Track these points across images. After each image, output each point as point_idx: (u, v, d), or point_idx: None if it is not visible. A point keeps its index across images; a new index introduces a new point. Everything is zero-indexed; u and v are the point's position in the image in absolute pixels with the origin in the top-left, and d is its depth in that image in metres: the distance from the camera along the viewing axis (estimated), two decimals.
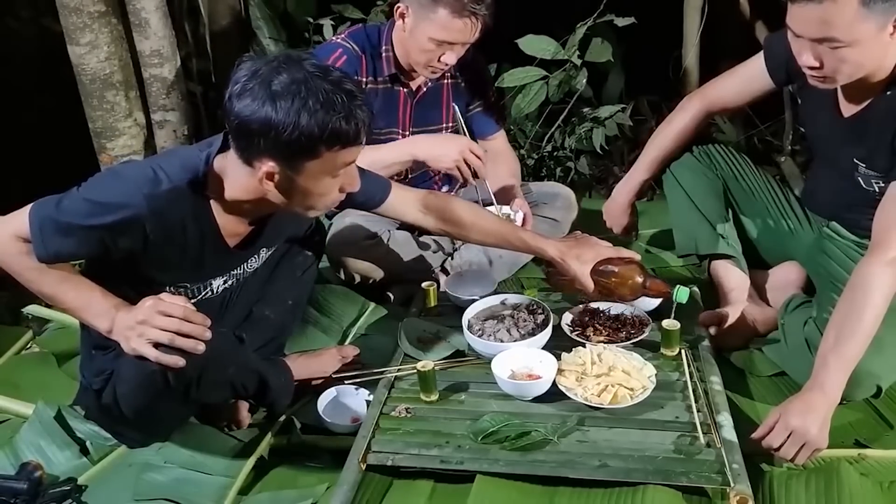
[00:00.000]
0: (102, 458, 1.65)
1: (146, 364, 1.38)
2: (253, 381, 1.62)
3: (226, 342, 1.55)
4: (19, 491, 1.49)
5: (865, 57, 1.51)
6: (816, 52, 1.52)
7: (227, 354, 1.53)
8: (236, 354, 1.59)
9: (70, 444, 1.66)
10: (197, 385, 1.46)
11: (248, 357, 1.65)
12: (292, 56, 1.36)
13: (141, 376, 1.43)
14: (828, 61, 1.52)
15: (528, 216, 2.04)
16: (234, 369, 1.57)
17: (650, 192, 2.65)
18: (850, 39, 1.46)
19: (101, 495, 1.55)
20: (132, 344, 1.36)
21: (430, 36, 1.90)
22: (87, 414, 1.68)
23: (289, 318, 1.87)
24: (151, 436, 1.64)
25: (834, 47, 1.48)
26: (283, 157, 1.34)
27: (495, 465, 1.47)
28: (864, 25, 1.45)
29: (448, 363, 1.77)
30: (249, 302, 1.78)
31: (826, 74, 1.55)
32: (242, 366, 1.60)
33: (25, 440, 1.68)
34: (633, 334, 1.78)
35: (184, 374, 1.41)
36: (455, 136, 2.01)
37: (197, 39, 3.26)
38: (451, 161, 1.91)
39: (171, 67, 2.98)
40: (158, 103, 3.00)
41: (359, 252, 2.08)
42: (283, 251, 1.82)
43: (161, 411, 1.55)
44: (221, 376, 1.54)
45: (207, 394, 1.55)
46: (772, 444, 1.45)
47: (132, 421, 1.55)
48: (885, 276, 1.49)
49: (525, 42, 2.64)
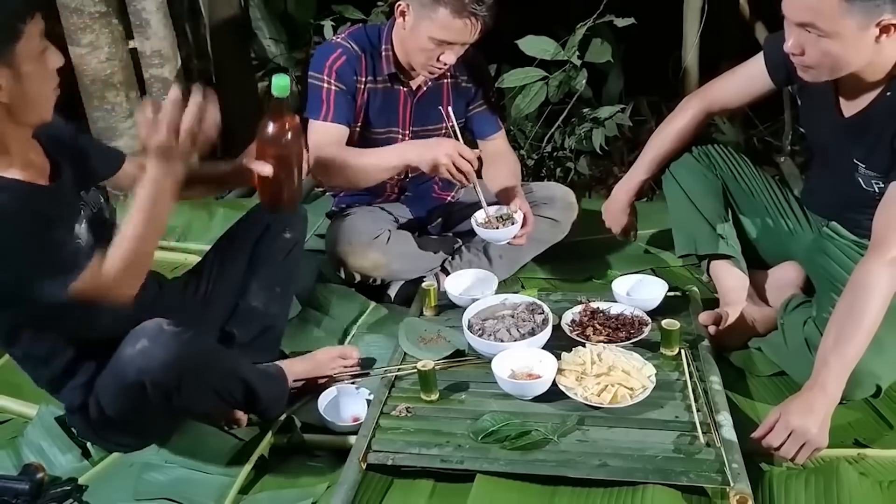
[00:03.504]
0: (103, 458, 1.65)
1: (124, 375, 1.40)
2: (239, 389, 1.59)
3: (207, 348, 1.53)
4: (21, 492, 1.49)
5: (847, 53, 1.52)
6: (801, 39, 1.54)
7: (208, 361, 1.51)
8: (220, 361, 1.56)
9: (71, 447, 1.67)
10: (178, 392, 1.44)
11: (236, 364, 1.61)
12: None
13: (119, 388, 1.44)
14: (810, 51, 1.54)
15: (529, 216, 2.04)
16: (217, 377, 1.55)
17: (650, 192, 2.65)
18: (831, 30, 1.48)
19: (101, 495, 1.55)
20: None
21: (430, 35, 1.90)
22: (79, 433, 1.67)
23: (278, 306, 1.83)
24: (146, 441, 1.64)
25: (815, 35, 1.50)
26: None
27: (495, 464, 1.47)
28: (844, 20, 1.46)
29: (448, 363, 1.77)
30: (231, 295, 1.76)
31: (808, 64, 1.57)
32: (228, 373, 1.57)
33: (28, 442, 1.69)
34: (633, 334, 1.79)
35: (161, 385, 1.40)
36: (444, 140, 2.01)
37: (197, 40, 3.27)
38: (441, 165, 1.92)
39: (171, 68, 2.99)
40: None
41: (359, 251, 2.08)
42: (257, 235, 1.78)
43: (149, 419, 1.55)
44: (203, 384, 1.52)
45: (190, 402, 1.53)
46: (772, 444, 1.45)
47: (123, 429, 1.56)
48: (885, 275, 1.49)
49: (525, 42, 2.64)
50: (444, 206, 2.35)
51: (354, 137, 2.09)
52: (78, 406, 1.56)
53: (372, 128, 2.12)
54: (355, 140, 2.09)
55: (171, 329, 1.42)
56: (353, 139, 2.08)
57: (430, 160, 1.92)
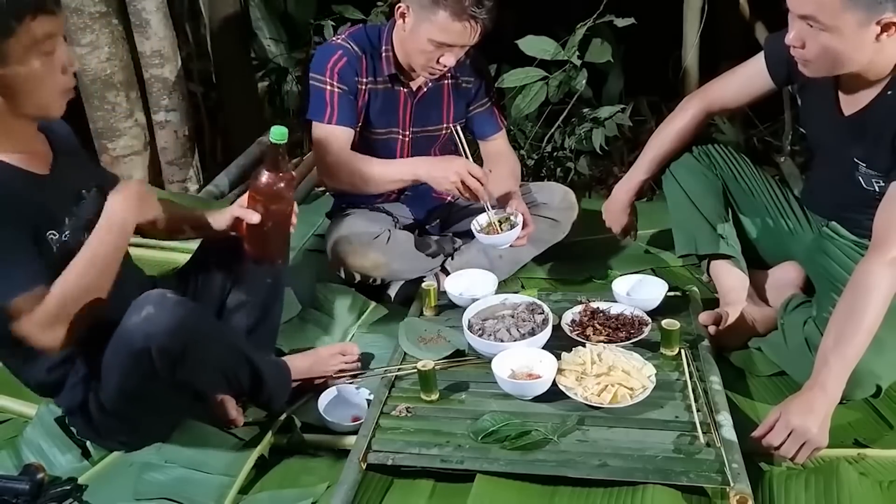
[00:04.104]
0: (103, 458, 1.65)
1: (130, 343, 1.39)
2: (245, 371, 1.58)
3: (212, 320, 1.53)
4: (21, 492, 1.49)
5: (847, 49, 1.52)
6: (802, 32, 1.54)
7: (213, 332, 1.51)
8: (224, 335, 1.56)
9: (71, 447, 1.67)
10: (183, 363, 1.42)
11: (241, 342, 1.61)
12: None
13: (126, 358, 1.42)
14: (810, 44, 1.54)
15: (528, 218, 2.04)
16: (222, 351, 1.54)
17: (650, 192, 2.65)
18: (832, 25, 1.48)
19: (101, 495, 1.55)
20: None
21: (430, 37, 1.90)
22: (79, 432, 1.67)
23: (271, 297, 1.81)
24: (146, 439, 1.64)
25: (816, 28, 1.50)
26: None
27: (495, 464, 1.47)
28: (846, 15, 1.46)
29: (448, 363, 1.77)
30: (219, 288, 1.76)
31: (808, 58, 1.57)
32: (233, 349, 1.56)
33: (27, 442, 1.69)
34: (633, 334, 1.79)
35: (167, 351, 1.39)
36: (455, 158, 2.02)
37: (198, 40, 3.27)
38: (450, 183, 1.94)
39: (171, 68, 2.99)
40: (159, 104, 3.01)
41: (359, 251, 2.08)
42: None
43: (152, 404, 1.53)
44: (208, 356, 1.50)
45: (195, 376, 1.50)
46: (772, 443, 1.45)
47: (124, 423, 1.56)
48: (885, 275, 1.49)
49: (525, 43, 2.64)
50: (443, 206, 2.35)
51: (355, 138, 2.09)
52: (78, 405, 1.56)
53: (372, 128, 2.12)
54: (356, 140, 2.09)
55: (174, 297, 1.43)
56: (353, 140, 2.08)
57: (438, 177, 1.95)
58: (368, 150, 2.08)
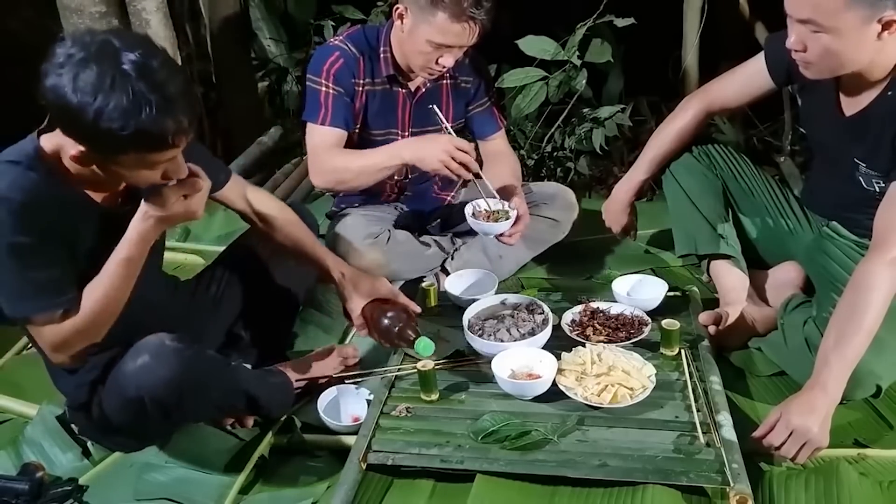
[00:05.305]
0: (104, 458, 1.65)
1: (124, 389, 1.41)
2: (241, 400, 1.60)
3: (209, 365, 1.52)
4: (21, 492, 1.49)
5: (848, 50, 1.51)
6: (802, 35, 1.54)
7: (209, 379, 1.51)
8: (221, 377, 1.55)
9: (72, 446, 1.67)
10: (178, 408, 1.45)
11: (237, 377, 1.61)
12: (108, 47, 1.22)
13: (120, 401, 1.45)
14: (811, 47, 1.54)
15: (525, 216, 2.03)
16: (218, 392, 1.55)
17: (650, 192, 2.65)
18: (832, 26, 1.48)
19: (102, 495, 1.56)
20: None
21: (428, 38, 1.89)
22: (80, 430, 1.68)
23: (286, 307, 1.86)
24: (146, 443, 1.65)
25: (816, 31, 1.50)
26: (90, 147, 1.27)
27: (495, 464, 1.47)
28: (847, 14, 1.46)
29: (448, 363, 1.77)
30: (240, 297, 1.79)
31: (810, 60, 1.57)
32: (229, 388, 1.57)
33: (28, 441, 1.69)
34: (633, 334, 1.79)
35: (160, 401, 1.41)
36: (438, 136, 2.00)
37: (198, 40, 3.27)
38: (437, 161, 1.90)
39: None
40: None
41: (359, 251, 2.08)
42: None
43: (150, 428, 1.57)
44: (204, 400, 1.52)
45: (190, 416, 1.56)
46: (772, 443, 1.46)
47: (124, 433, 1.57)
48: (885, 275, 1.49)
49: (525, 43, 2.64)
50: (443, 206, 2.35)
51: (354, 140, 2.09)
52: (80, 404, 1.57)
53: (371, 129, 2.11)
54: (355, 142, 2.09)
55: (173, 345, 1.42)
56: (352, 141, 2.08)
57: (425, 157, 1.92)
58: None
